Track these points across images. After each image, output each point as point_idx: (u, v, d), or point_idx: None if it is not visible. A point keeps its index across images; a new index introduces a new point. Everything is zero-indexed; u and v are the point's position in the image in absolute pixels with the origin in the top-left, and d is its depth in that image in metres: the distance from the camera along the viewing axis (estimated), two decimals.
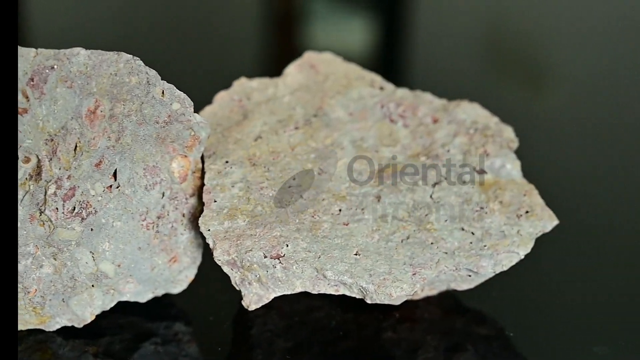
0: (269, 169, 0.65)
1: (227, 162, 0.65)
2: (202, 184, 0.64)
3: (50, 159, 0.58)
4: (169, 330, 0.66)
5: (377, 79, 0.72)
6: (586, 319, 0.69)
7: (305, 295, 0.68)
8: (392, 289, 0.61)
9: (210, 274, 0.67)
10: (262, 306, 0.67)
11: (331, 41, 1.09)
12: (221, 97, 0.70)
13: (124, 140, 0.59)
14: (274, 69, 0.92)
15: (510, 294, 0.70)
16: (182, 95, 0.61)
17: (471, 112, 0.69)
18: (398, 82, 0.76)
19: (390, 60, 1.09)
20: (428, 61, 1.08)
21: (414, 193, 0.65)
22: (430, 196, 0.65)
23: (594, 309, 0.69)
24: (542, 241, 0.65)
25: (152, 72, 0.59)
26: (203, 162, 0.65)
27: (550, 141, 0.93)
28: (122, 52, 0.58)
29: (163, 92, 0.60)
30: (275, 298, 0.67)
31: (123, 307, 0.66)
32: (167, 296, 0.68)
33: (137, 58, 0.59)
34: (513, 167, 0.66)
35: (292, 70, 0.73)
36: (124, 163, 0.60)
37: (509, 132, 0.69)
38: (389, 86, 0.72)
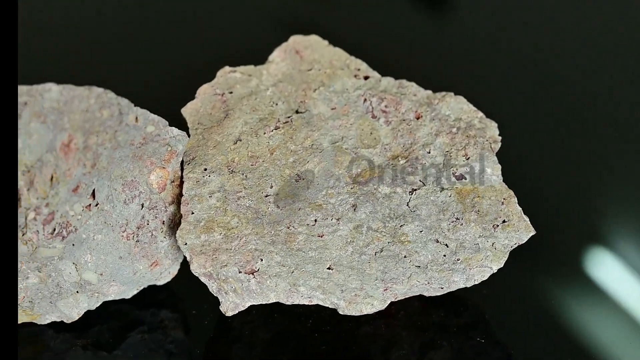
0: (246, 176, 0.66)
1: (205, 169, 0.66)
2: (181, 193, 0.65)
3: (28, 189, 0.59)
4: (156, 318, 0.69)
5: (363, 66, 0.71)
6: (567, 314, 0.70)
7: None
8: (362, 305, 0.63)
9: None
10: None
11: None
12: (204, 90, 0.70)
13: (100, 165, 0.60)
14: None
15: (492, 284, 0.71)
16: (157, 118, 0.61)
17: (455, 107, 0.69)
18: None
19: None
20: None
21: (391, 201, 0.65)
22: (407, 204, 0.65)
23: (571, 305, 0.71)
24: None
25: (125, 102, 0.60)
26: (182, 168, 0.66)
27: None
28: (93, 87, 0.58)
29: (137, 119, 0.60)
30: None
31: None
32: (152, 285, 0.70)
33: (109, 91, 0.59)
34: (493, 172, 0.66)
35: (277, 57, 0.72)
36: (102, 182, 0.61)
37: (493, 129, 0.68)
38: (374, 74, 0.71)
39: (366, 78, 0.71)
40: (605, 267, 0.73)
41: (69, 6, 1.01)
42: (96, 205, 0.62)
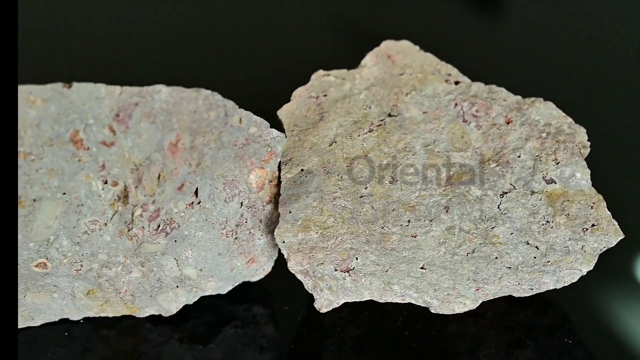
0: (342, 177, 0.67)
1: (302, 170, 0.68)
2: (278, 192, 0.67)
3: (136, 187, 0.61)
4: (249, 313, 0.71)
5: (453, 71, 0.73)
6: None
7: None
8: (455, 304, 0.65)
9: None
10: None
11: None
12: (299, 93, 0.72)
13: (204, 164, 0.63)
14: None
15: (577, 285, 0.72)
16: (259, 119, 0.63)
17: (545, 112, 0.70)
18: None
19: None
20: None
21: (482, 203, 0.67)
22: (498, 206, 0.67)
23: None
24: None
25: (230, 104, 0.62)
26: (280, 169, 0.68)
27: None
28: (201, 89, 0.60)
29: (240, 120, 0.62)
30: None
31: None
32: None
33: (216, 93, 0.61)
34: (582, 177, 0.68)
35: (369, 62, 0.74)
36: (205, 181, 0.64)
37: (582, 135, 0.69)
38: (464, 80, 0.72)
39: (457, 83, 0.72)
40: None
41: (180, 13, 1.04)
42: (199, 203, 0.64)
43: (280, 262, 0.71)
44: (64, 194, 0.61)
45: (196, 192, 0.64)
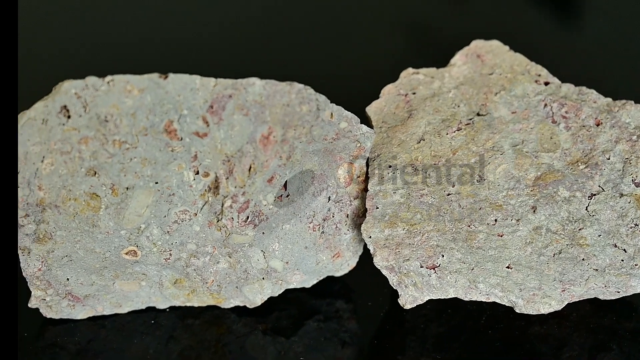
0: (429, 175, 0.68)
1: (390, 166, 0.68)
2: (366, 188, 0.68)
3: (227, 178, 0.62)
4: (331, 307, 0.72)
5: (543, 72, 0.73)
6: None
7: None
8: (540, 305, 0.65)
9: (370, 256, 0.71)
10: None
11: None
12: (388, 90, 0.72)
13: (294, 158, 0.63)
14: None
15: None
16: (350, 115, 0.64)
17: (636, 115, 0.69)
18: None
19: None
20: None
21: (570, 204, 0.67)
22: (586, 208, 0.66)
23: None
24: None
25: (322, 98, 0.62)
26: (367, 165, 0.68)
27: None
28: (294, 83, 0.61)
29: (332, 114, 0.63)
30: None
31: None
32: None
33: (308, 87, 0.62)
34: None
35: (458, 61, 0.74)
36: (294, 174, 0.64)
37: None
38: (554, 81, 0.72)
39: (546, 84, 0.72)
40: None
41: (273, 11, 1.06)
42: (287, 196, 0.65)
43: (364, 258, 0.72)
44: (156, 183, 0.62)
45: (285, 185, 0.65)
